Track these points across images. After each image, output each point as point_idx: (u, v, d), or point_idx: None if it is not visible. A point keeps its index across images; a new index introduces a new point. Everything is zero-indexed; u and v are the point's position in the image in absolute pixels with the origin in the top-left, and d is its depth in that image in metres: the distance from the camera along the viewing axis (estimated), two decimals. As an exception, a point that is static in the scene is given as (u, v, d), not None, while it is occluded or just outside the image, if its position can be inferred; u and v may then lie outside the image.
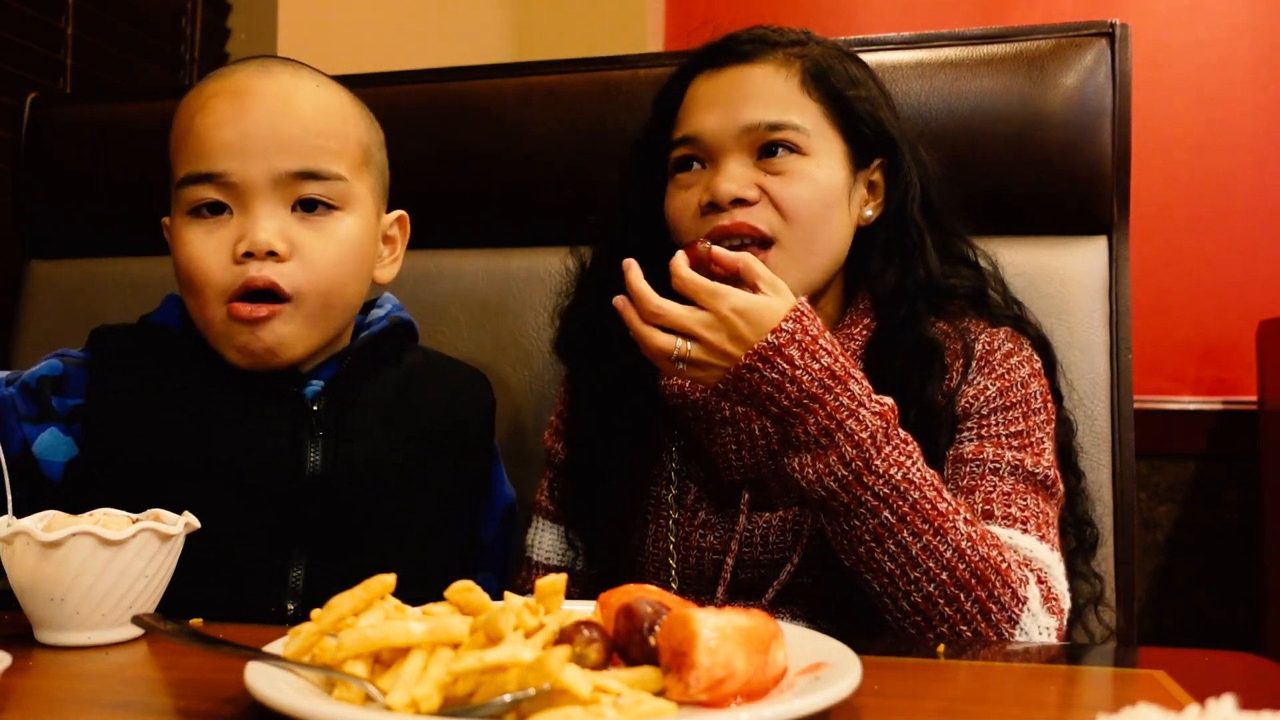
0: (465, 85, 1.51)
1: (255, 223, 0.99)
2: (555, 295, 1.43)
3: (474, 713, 0.54)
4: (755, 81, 1.05)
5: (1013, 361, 1.05)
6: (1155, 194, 2.46)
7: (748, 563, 1.06)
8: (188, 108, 1.04)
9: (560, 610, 0.64)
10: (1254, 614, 2.36)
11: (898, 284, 1.07)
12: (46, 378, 1.03)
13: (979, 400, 1.03)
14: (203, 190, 1.00)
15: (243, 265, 0.99)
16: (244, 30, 2.21)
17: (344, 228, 1.03)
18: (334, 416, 1.05)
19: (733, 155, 1.04)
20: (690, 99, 1.08)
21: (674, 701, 0.57)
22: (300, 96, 1.03)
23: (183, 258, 1.01)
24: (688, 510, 1.09)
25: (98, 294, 1.57)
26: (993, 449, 1.00)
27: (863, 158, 1.08)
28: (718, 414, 1.06)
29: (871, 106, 1.08)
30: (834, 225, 1.05)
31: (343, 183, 1.03)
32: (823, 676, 0.60)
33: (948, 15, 2.72)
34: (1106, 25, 1.31)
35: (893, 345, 1.05)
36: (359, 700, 0.57)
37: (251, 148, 0.99)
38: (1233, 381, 2.51)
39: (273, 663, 0.61)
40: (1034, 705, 0.64)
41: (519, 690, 0.54)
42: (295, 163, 1.00)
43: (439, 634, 0.59)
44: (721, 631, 0.57)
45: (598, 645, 0.59)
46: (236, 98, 1.01)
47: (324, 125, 1.03)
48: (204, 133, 1.01)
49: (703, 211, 1.04)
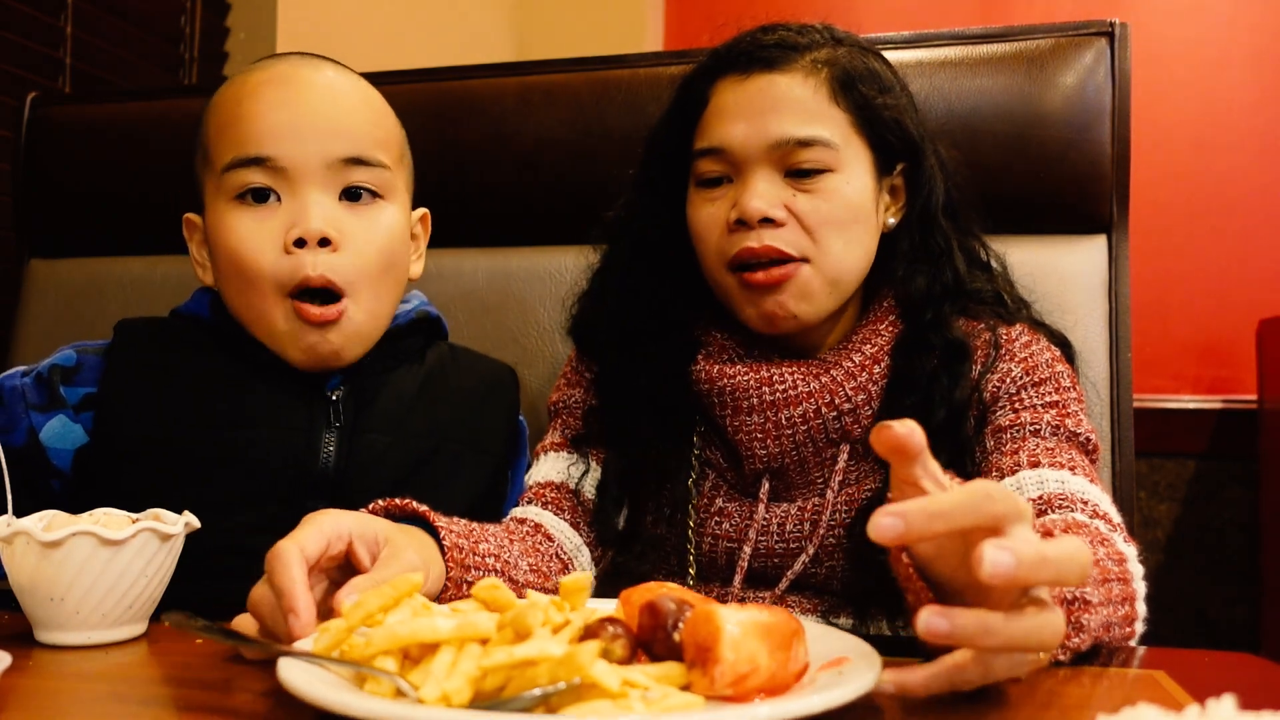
0: (465, 85, 1.51)
1: (306, 209, 0.99)
2: (555, 294, 1.44)
3: (505, 706, 0.55)
4: (782, 91, 1.02)
5: (1033, 348, 1.05)
6: (1155, 193, 2.46)
7: (762, 552, 1.06)
8: (232, 95, 1.04)
9: (584, 607, 0.65)
10: (1254, 614, 2.36)
11: (926, 288, 1.06)
12: (58, 367, 1.04)
13: (1005, 382, 1.03)
14: (251, 174, 1.00)
15: (295, 255, 0.99)
16: (244, 30, 2.21)
17: (388, 216, 1.05)
18: (351, 409, 1.05)
19: (760, 170, 1.02)
20: (715, 106, 1.06)
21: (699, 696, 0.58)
22: (347, 87, 1.05)
23: (230, 246, 1.01)
24: (705, 497, 1.09)
25: (98, 293, 1.57)
26: (1029, 415, 1.00)
27: (887, 163, 1.07)
28: (745, 401, 1.05)
29: (897, 113, 1.06)
30: (863, 238, 1.04)
31: (387, 172, 1.04)
32: (845, 672, 0.61)
33: (948, 15, 2.72)
34: (1106, 24, 1.31)
35: (921, 347, 1.04)
36: (390, 695, 0.58)
37: (303, 131, 1.00)
38: (1233, 380, 2.51)
39: (304, 659, 0.62)
40: (1034, 704, 0.64)
41: (549, 684, 0.55)
42: (346, 148, 1.01)
43: (466, 630, 0.59)
44: (745, 628, 0.59)
45: (623, 641, 0.61)
46: (287, 85, 1.02)
47: (370, 114, 1.05)
48: (254, 117, 1.01)
49: (730, 229, 1.03)
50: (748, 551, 1.06)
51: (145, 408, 1.01)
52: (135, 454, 1.00)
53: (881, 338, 1.07)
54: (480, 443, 1.14)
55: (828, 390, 1.04)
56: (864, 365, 1.05)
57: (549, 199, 1.46)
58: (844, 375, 1.04)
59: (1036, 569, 0.54)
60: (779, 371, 1.05)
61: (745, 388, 1.05)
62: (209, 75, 2.19)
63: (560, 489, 1.11)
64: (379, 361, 1.08)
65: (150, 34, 2.10)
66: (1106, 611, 0.76)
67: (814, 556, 1.04)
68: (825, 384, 1.04)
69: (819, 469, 1.07)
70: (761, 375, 1.05)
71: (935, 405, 1.00)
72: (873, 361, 1.05)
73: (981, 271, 1.12)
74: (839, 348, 1.07)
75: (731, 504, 1.08)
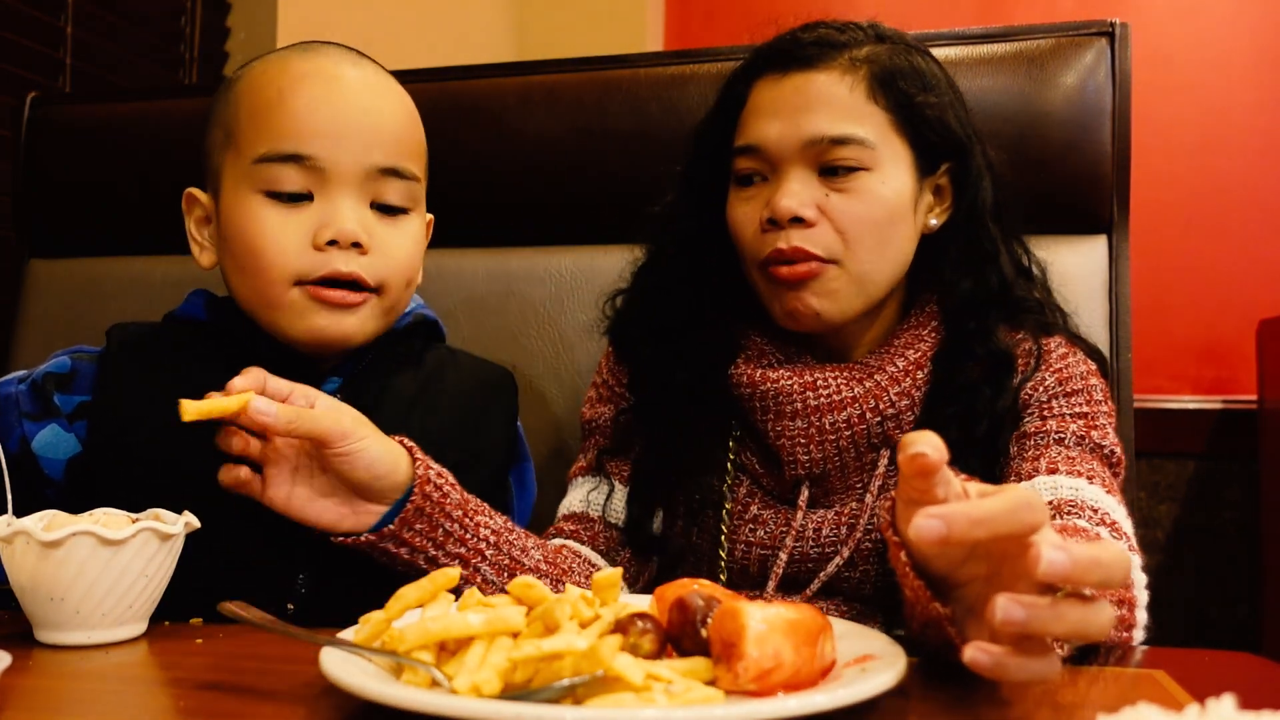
0: (465, 85, 1.51)
1: (340, 212, 0.98)
2: (555, 294, 1.44)
3: (532, 697, 0.57)
4: (819, 89, 1.01)
5: (1070, 359, 1.04)
6: (1155, 193, 2.46)
7: (796, 558, 1.04)
8: (271, 84, 1.00)
9: (617, 602, 0.67)
10: (1254, 614, 2.36)
11: (971, 294, 1.04)
12: (51, 375, 1.02)
13: (1038, 390, 1.02)
14: (286, 170, 0.98)
15: (325, 253, 0.98)
16: (244, 29, 2.21)
17: (413, 227, 1.04)
18: None
19: (794, 168, 1.01)
20: (753, 104, 1.05)
21: (724, 690, 0.59)
22: (387, 92, 1.04)
23: (251, 237, 0.98)
24: (739, 503, 1.08)
25: (97, 293, 1.57)
26: (1055, 423, 0.99)
27: (929, 163, 1.04)
28: (788, 406, 1.03)
29: (940, 111, 1.03)
30: (898, 239, 1.02)
31: (416, 184, 1.04)
32: (869, 668, 0.62)
33: (948, 15, 2.72)
34: (1106, 24, 1.31)
35: (964, 356, 1.03)
36: (426, 684, 0.60)
37: (346, 135, 0.98)
38: (1232, 380, 2.52)
39: (345, 649, 0.65)
40: (1034, 704, 0.64)
41: (575, 676, 0.57)
42: (385, 158, 1.00)
43: (495, 624, 0.62)
44: (770, 624, 0.59)
45: (651, 636, 0.62)
46: (332, 83, 1.00)
47: (407, 123, 1.04)
48: (295, 113, 0.98)
49: (763, 228, 1.02)
50: (783, 559, 1.04)
51: (139, 416, 1.00)
52: (129, 462, 0.99)
53: (925, 343, 1.05)
54: (477, 451, 1.13)
55: (872, 395, 1.02)
56: (908, 370, 1.03)
57: (549, 199, 1.46)
58: (888, 380, 1.03)
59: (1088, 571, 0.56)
60: (822, 376, 1.04)
61: (789, 392, 1.03)
62: (209, 75, 2.19)
63: (581, 519, 1.11)
64: (378, 364, 1.07)
65: (150, 34, 2.10)
66: None
67: (848, 560, 1.03)
68: (869, 389, 1.03)
69: (858, 474, 1.05)
70: (805, 380, 1.03)
71: (978, 416, 0.99)
72: (916, 367, 1.04)
73: (1026, 279, 1.10)
74: (880, 351, 1.06)
75: (767, 511, 1.07)
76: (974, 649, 0.57)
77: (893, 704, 0.62)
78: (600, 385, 1.19)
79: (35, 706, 0.65)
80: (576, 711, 0.54)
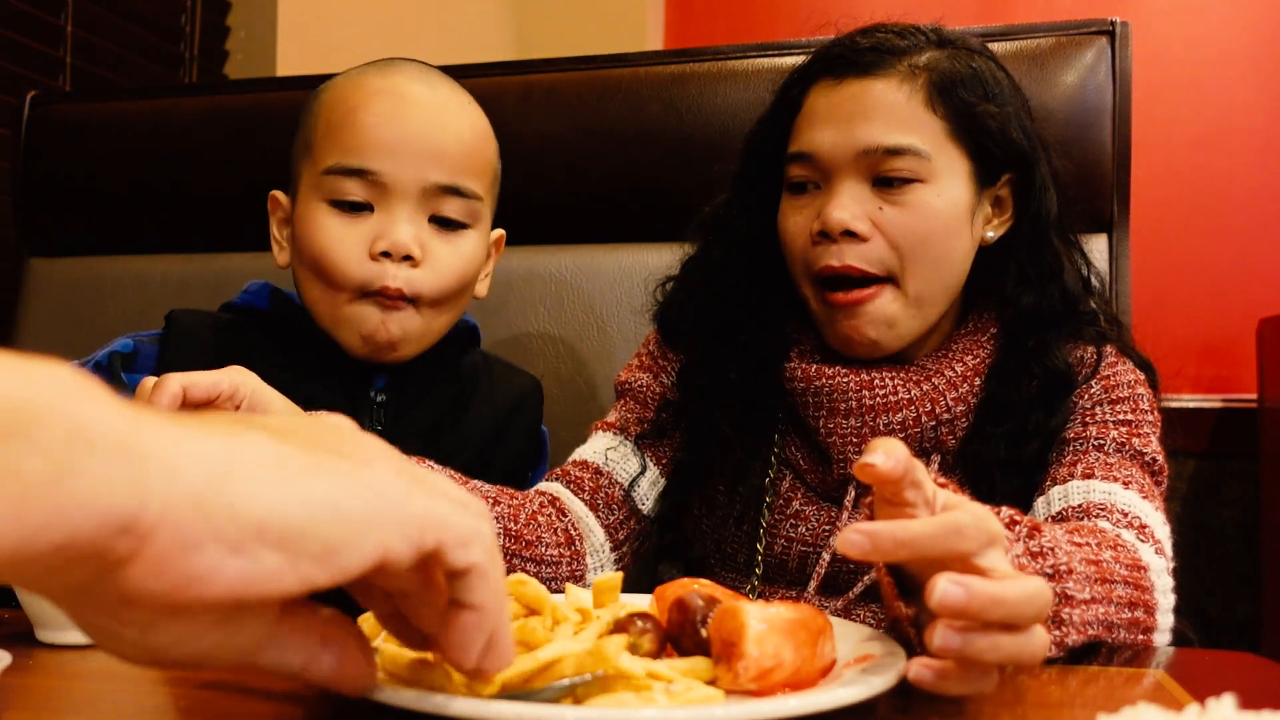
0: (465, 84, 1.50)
1: (397, 225, 1.03)
2: (555, 294, 1.44)
3: (533, 696, 0.56)
4: (875, 98, 0.98)
5: (1118, 368, 1.02)
6: (1155, 192, 2.46)
7: (838, 558, 1.02)
8: (344, 100, 1.06)
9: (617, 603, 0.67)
10: (1254, 614, 2.36)
11: (1032, 310, 1.02)
12: (117, 354, 1.05)
13: (1083, 397, 1.00)
14: (350, 183, 1.03)
15: (379, 263, 1.02)
16: (243, 29, 2.21)
17: (470, 243, 1.08)
18: (391, 415, 1.08)
19: (848, 178, 0.98)
20: (808, 110, 1.02)
21: (724, 690, 0.59)
22: (457, 111, 1.08)
23: (316, 243, 1.04)
24: (781, 498, 1.06)
25: (97, 292, 1.57)
26: (1096, 429, 0.97)
27: (990, 173, 1.01)
28: (843, 404, 1.01)
29: (1002, 121, 0.99)
30: (955, 253, 1.00)
31: (477, 201, 1.07)
32: (869, 668, 0.61)
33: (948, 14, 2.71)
34: (1107, 23, 1.31)
35: (1019, 373, 1.00)
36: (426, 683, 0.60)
37: (407, 152, 1.03)
38: (1233, 379, 2.51)
39: None
40: (1034, 704, 0.64)
41: (575, 675, 0.57)
42: (444, 176, 1.04)
43: None
44: (770, 623, 0.59)
45: (651, 635, 0.62)
46: (401, 101, 1.05)
47: (473, 143, 1.08)
48: (363, 128, 1.03)
49: (814, 240, 1.00)
50: (826, 558, 1.02)
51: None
52: None
53: (983, 350, 1.03)
54: (497, 462, 1.16)
55: (929, 399, 1.01)
56: (965, 376, 1.02)
57: (549, 199, 1.46)
58: (945, 385, 1.01)
59: (988, 608, 0.55)
60: (879, 376, 1.01)
61: (844, 390, 1.01)
62: (209, 74, 2.19)
63: (588, 468, 1.08)
64: (423, 370, 1.11)
65: (150, 32, 2.10)
66: (1103, 610, 0.76)
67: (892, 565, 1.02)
68: (926, 391, 1.01)
69: None
70: (861, 379, 1.01)
71: (1028, 436, 0.97)
72: (974, 374, 1.02)
73: (1087, 292, 1.07)
74: (938, 355, 1.04)
75: (810, 507, 1.05)
76: (918, 665, 0.57)
77: (893, 704, 0.62)
78: (645, 355, 1.16)
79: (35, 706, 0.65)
80: (576, 711, 0.54)
